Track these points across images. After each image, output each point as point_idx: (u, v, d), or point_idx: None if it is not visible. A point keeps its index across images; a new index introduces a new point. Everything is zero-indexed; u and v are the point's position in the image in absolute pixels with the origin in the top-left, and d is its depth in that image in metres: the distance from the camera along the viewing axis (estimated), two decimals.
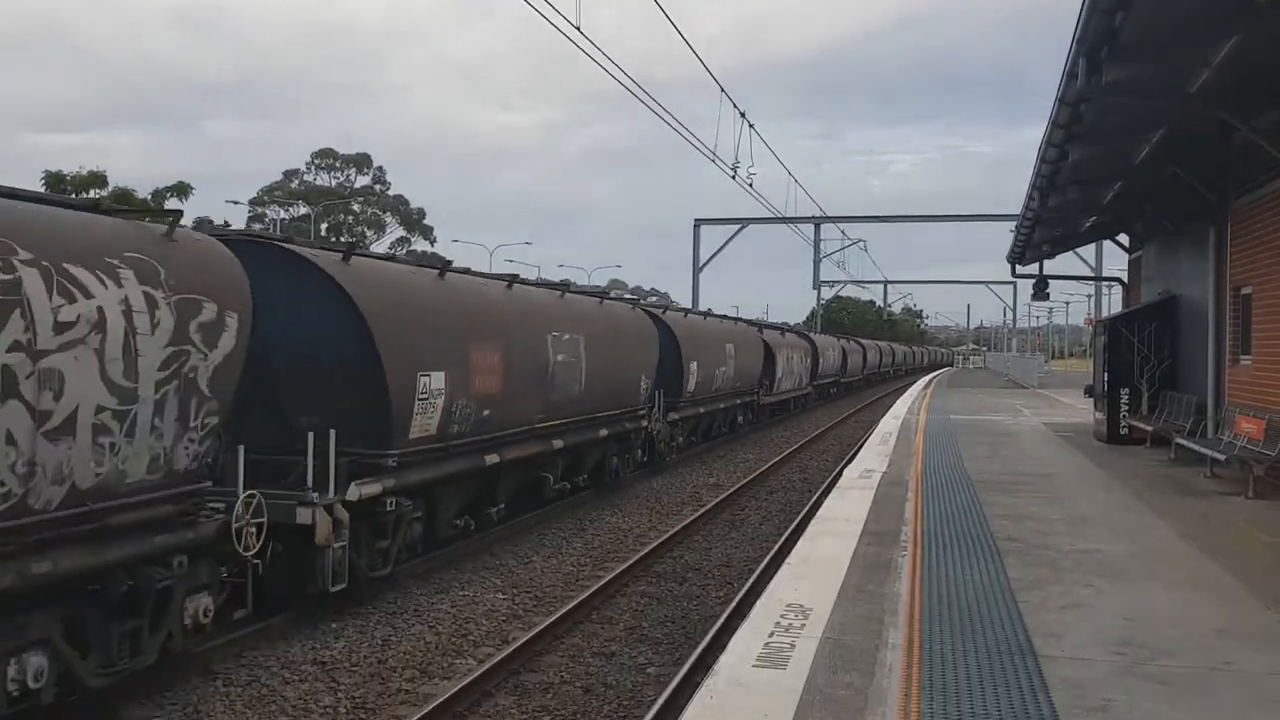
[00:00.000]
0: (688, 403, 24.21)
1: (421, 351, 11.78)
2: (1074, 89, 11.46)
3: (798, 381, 39.78)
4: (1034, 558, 9.77)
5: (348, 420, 10.66)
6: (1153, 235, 23.69)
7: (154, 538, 7.96)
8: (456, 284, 13.71)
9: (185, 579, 8.24)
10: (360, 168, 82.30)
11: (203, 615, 8.48)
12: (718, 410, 28.09)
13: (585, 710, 8.51)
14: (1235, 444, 15.07)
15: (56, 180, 47.14)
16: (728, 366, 27.81)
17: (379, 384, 11.00)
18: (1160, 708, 5.84)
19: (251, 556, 8.93)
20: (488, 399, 13.33)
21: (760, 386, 33.10)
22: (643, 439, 20.92)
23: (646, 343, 20.68)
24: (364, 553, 10.96)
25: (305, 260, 10.98)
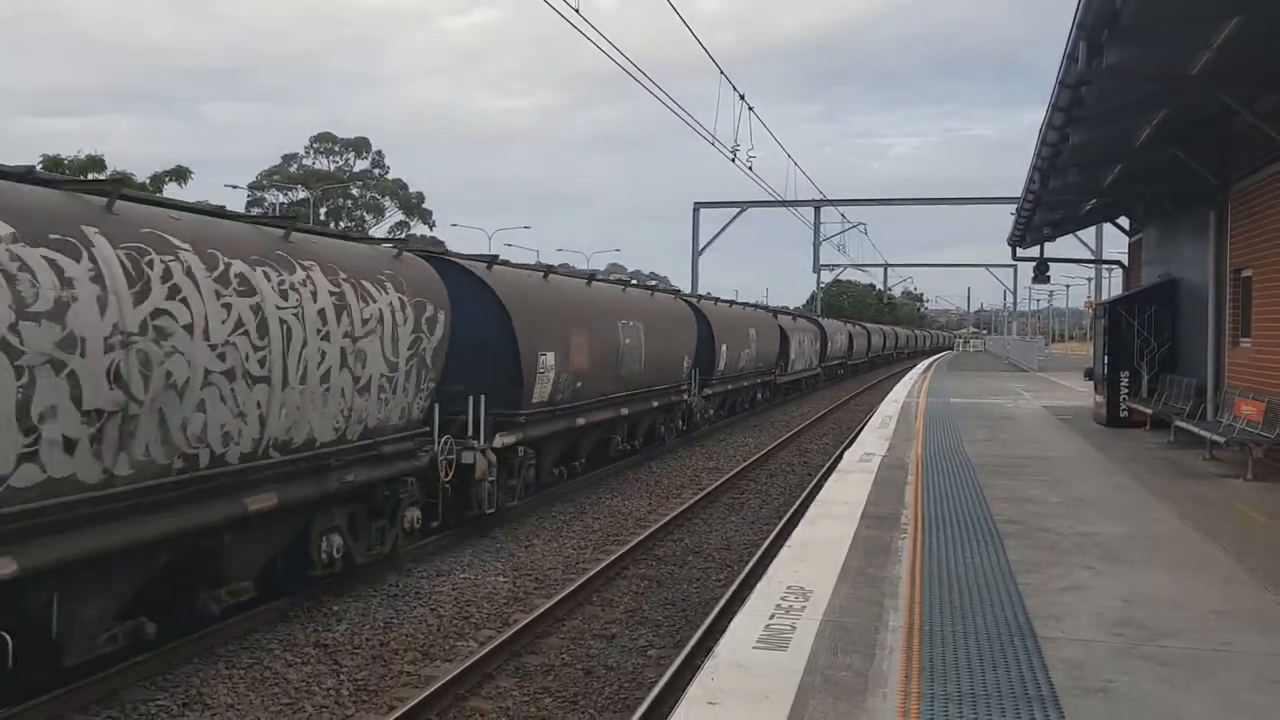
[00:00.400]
0: (718, 380, 27.50)
1: (540, 336, 15.44)
2: (1074, 71, 11.43)
3: (808, 363, 43.26)
4: (1034, 540, 9.79)
5: (491, 388, 13.90)
6: (1153, 218, 23.66)
7: (399, 464, 11.47)
8: (556, 283, 17.72)
9: (410, 494, 11.70)
10: (359, 152, 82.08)
11: (415, 522, 11.92)
12: (742, 388, 31.20)
13: (586, 692, 8.55)
14: (1235, 426, 15.10)
15: (55, 164, 47.00)
16: (751, 349, 31.03)
17: (515, 360, 14.69)
18: (1160, 688, 5.87)
19: (445, 483, 12.52)
20: (580, 373, 16.99)
21: (776, 367, 36.09)
22: (684, 410, 24.35)
23: (688, 328, 24.47)
24: (501, 487, 14.20)
25: (465, 269, 14.52)
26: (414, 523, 11.83)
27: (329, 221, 70.34)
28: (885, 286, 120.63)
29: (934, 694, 5.72)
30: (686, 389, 24.14)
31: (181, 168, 54.36)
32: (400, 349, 11.17)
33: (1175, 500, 12.10)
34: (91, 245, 7.43)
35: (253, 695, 8.25)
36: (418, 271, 12.14)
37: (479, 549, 13.33)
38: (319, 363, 9.75)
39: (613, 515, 16.10)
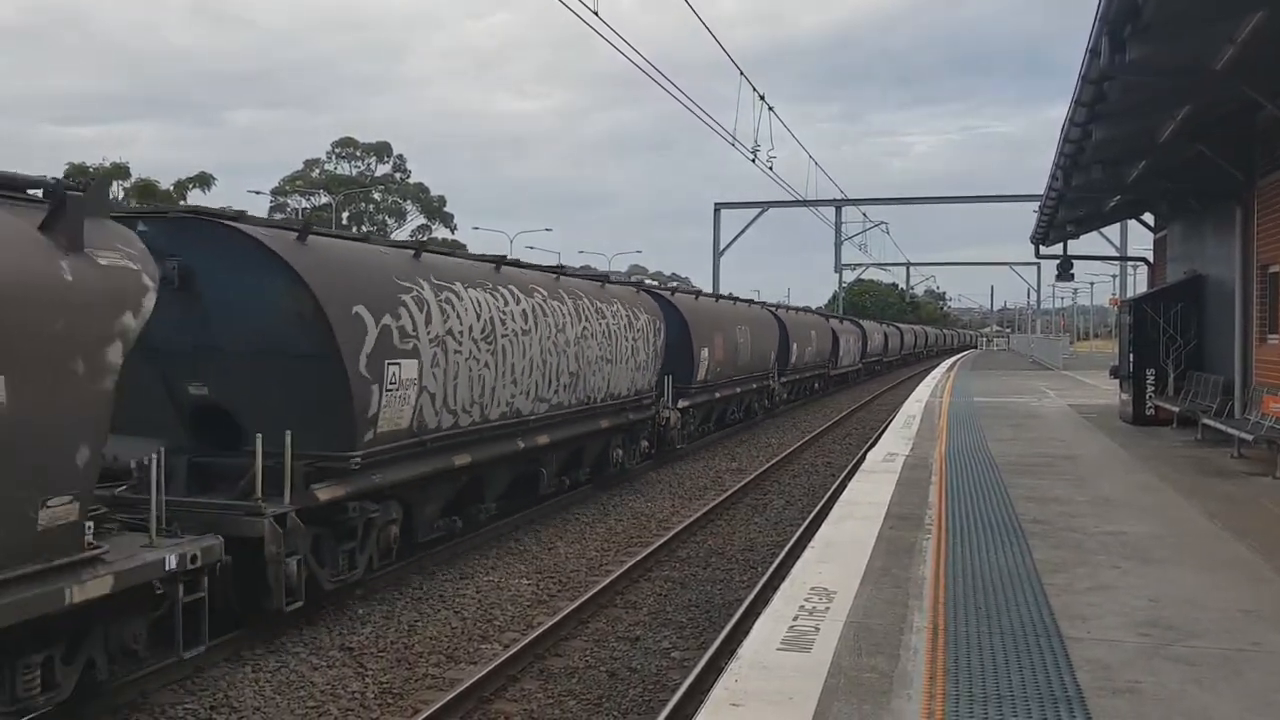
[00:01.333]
0: (791, 372, 34.90)
1: (700, 337, 23.67)
2: (1097, 67, 11.36)
3: (853, 359, 51.26)
4: (1059, 540, 9.73)
5: (675, 371, 21.89)
6: (1178, 214, 23.47)
7: (647, 412, 19.68)
8: (704, 301, 26.81)
9: (645, 430, 19.77)
10: (380, 156, 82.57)
11: (648, 448, 20.17)
12: (805, 378, 38.74)
13: (610, 694, 8.56)
14: (1263, 424, 14.94)
15: (80, 172, 47.50)
16: (812, 346, 38.88)
17: (689, 354, 22.99)
18: (1188, 688, 5.82)
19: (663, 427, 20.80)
20: (718, 363, 25.28)
21: (829, 362, 43.32)
22: (768, 394, 31.90)
23: (773, 331, 32.31)
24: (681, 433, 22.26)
25: (665, 297, 23.08)
26: (647, 448, 19.89)
27: (351, 225, 70.71)
28: (908, 285, 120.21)
29: (959, 695, 5.69)
30: (771, 377, 31.82)
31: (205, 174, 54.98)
32: (650, 347, 19.51)
33: (1202, 499, 11.99)
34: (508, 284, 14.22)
35: (279, 699, 8.30)
36: (648, 300, 20.71)
37: (502, 551, 13.37)
38: (628, 352, 18.14)
39: (636, 517, 16.11)
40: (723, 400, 26.53)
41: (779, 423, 31.97)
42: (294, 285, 9.85)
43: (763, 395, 31.09)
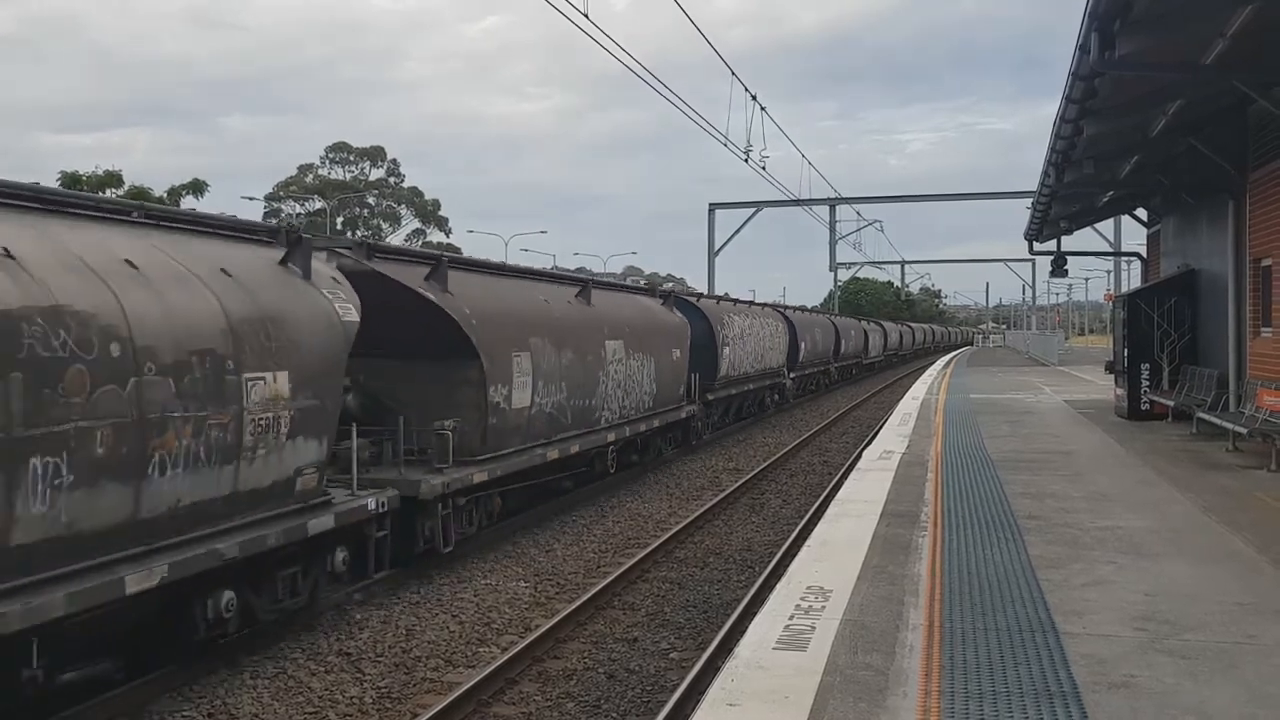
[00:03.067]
0: (799, 367, 37.32)
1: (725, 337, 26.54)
2: (1087, 63, 11.38)
3: (856, 354, 54.91)
4: (1055, 535, 9.75)
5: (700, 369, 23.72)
6: (1171, 209, 23.51)
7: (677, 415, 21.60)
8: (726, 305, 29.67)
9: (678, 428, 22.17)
10: (374, 160, 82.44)
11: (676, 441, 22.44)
12: (814, 372, 41.69)
13: (609, 696, 8.56)
14: (1257, 417, 14.97)
15: (73, 180, 47.38)
16: (818, 344, 41.55)
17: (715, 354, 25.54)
18: (1183, 682, 5.83)
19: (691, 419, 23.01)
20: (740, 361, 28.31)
21: (832, 356, 46.05)
22: (780, 389, 34.25)
23: (782, 330, 34.56)
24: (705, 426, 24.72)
25: (692, 304, 25.55)
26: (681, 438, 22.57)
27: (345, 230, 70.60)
28: (903, 283, 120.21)
29: (955, 691, 5.70)
30: (782, 373, 34.39)
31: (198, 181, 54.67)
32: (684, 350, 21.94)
33: (1198, 492, 12.02)
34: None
35: (277, 705, 8.30)
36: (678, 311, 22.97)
37: (500, 555, 13.37)
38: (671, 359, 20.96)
39: (633, 518, 16.11)
40: (740, 395, 28.86)
41: (776, 421, 32.02)
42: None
43: (775, 390, 33.51)
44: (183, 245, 8.75)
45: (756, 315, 31.66)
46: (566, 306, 16.50)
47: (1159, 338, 20.92)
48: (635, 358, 18.66)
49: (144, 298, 7.69)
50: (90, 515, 7.11)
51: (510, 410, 13.67)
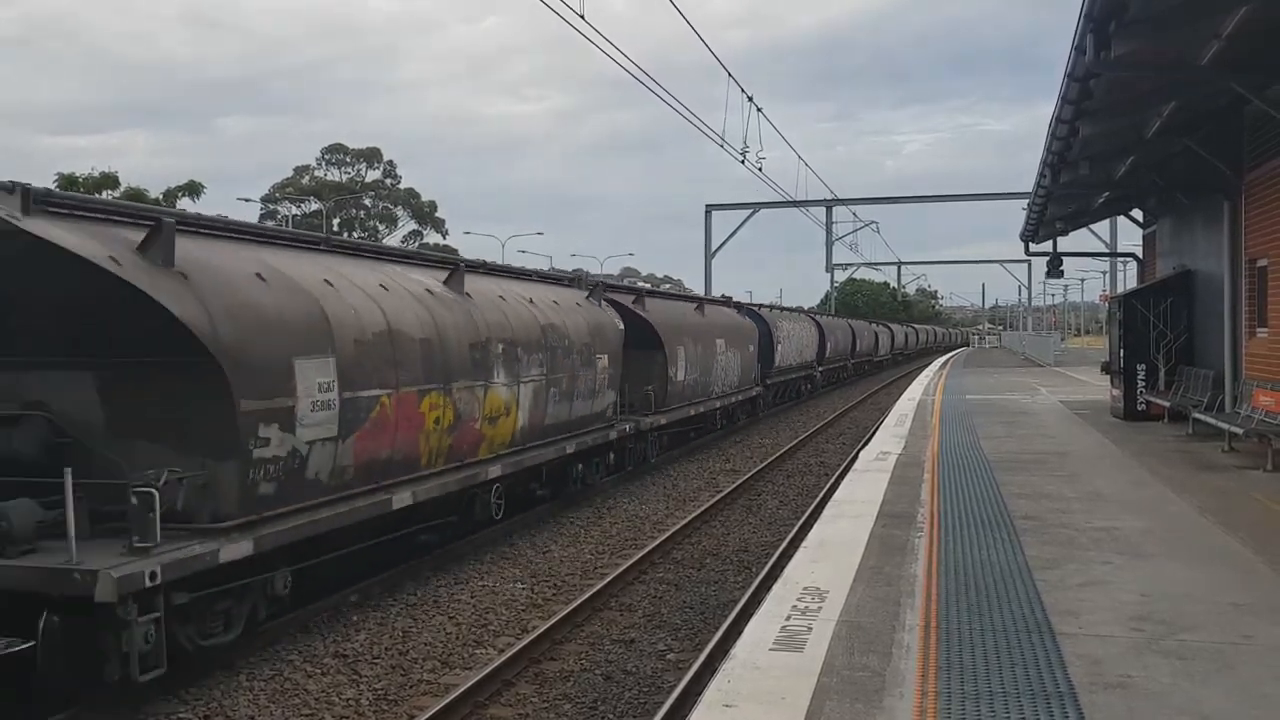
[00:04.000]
0: (826, 362, 44.18)
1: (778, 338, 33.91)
2: (1082, 64, 11.39)
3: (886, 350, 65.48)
4: (1051, 536, 9.75)
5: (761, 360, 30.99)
6: (1167, 210, 23.54)
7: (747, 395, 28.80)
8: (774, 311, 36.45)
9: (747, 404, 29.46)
10: (370, 162, 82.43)
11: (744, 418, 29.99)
12: (835, 367, 48.28)
13: (606, 697, 8.55)
14: (1253, 417, 14.99)
15: (69, 182, 47.34)
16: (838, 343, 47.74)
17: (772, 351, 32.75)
18: (1180, 682, 5.84)
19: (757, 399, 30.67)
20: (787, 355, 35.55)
21: (848, 354, 51.62)
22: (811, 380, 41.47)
23: (813, 331, 41.66)
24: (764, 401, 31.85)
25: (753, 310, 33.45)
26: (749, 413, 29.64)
27: (342, 232, 70.55)
28: (899, 284, 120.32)
29: (951, 692, 5.70)
30: (813, 366, 41.40)
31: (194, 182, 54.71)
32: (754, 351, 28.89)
33: (1194, 493, 12.03)
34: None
35: (274, 707, 8.29)
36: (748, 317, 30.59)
37: (496, 556, 13.36)
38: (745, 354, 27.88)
39: (630, 519, 16.11)
40: (786, 382, 36.08)
41: (772, 423, 32.06)
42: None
43: (808, 380, 41.21)
44: (558, 291, 17.41)
45: (796, 320, 40.36)
46: (697, 316, 25.00)
47: (1155, 338, 20.94)
48: (729, 352, 26.46)
49: (565, 318, 16.17)
50: (560, 415, 15.45)
51: (676, 381, 21.70)
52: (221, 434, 8.61)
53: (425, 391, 11.46)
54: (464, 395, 12.35)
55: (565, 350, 15.63)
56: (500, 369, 13.37)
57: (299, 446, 9.30)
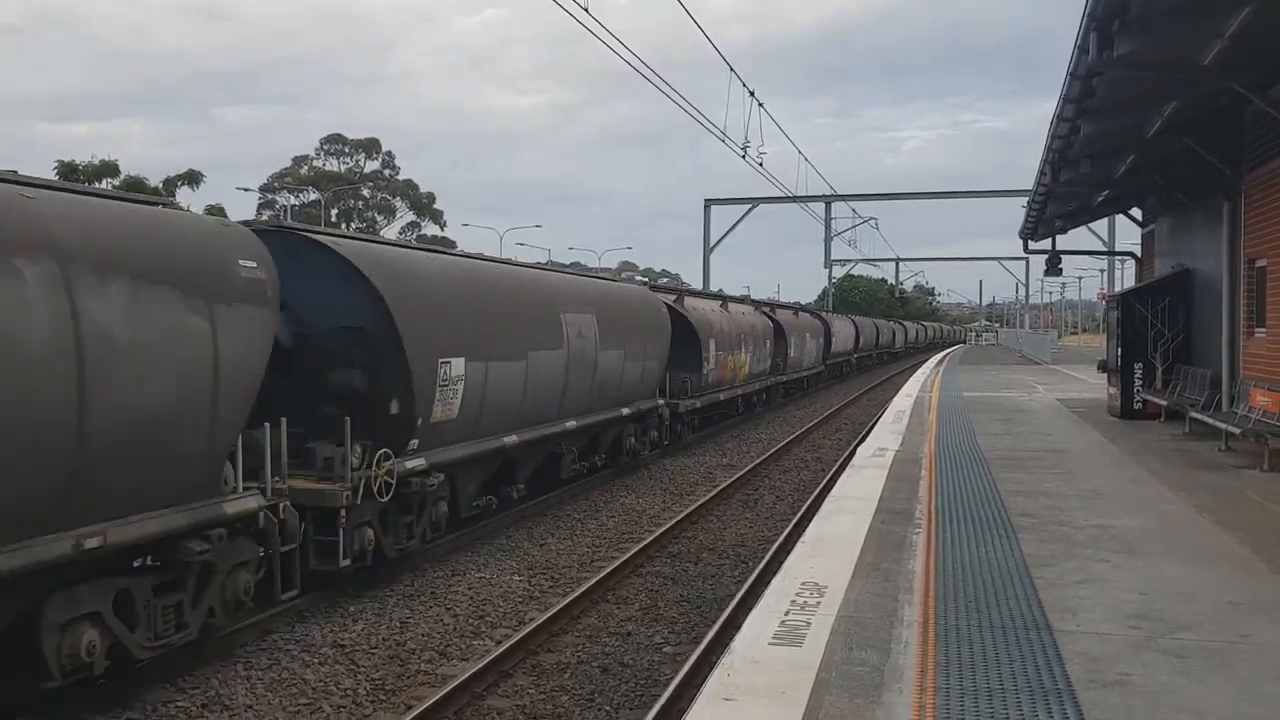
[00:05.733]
0: (830, 359, 46.70)
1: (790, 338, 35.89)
2: (1085, 63, 11.38)
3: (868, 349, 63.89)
4: (1048, 533, 9.77)
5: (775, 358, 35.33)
6: (1166, 209, 23.56)
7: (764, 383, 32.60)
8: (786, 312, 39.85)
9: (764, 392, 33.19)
10: (369, 152, 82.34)
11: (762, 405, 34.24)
12: (837, 362, 50.39)
13: (603, 689, 8.57)
14: (1250, 417, 15.02)
15: (70, 170, 47.25)
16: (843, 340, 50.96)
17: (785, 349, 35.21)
18: (1177, 680, 5.85)
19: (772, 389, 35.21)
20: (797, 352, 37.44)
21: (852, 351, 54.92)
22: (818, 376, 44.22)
23: (819, 329, 43.80)
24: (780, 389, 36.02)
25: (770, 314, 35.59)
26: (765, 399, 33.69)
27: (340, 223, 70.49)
28: (897, 281, 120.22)
29: (950, 688, 5.72)
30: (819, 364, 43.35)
31: (194, 172, 54.67)
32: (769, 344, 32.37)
33: (1191, 492, 12.05)
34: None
35: (271, 696, 8.30)
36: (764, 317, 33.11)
37: (494, 548, 13.37)
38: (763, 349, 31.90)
39: (627, 513, 16.12)
40: (795, 377, 38.48)
41: (769, 419, 32.12)
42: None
43: (814, 377, 43.57)
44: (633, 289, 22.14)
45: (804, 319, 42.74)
46: (723, 314, 27.28)
47: (1153, 337, 20.96)
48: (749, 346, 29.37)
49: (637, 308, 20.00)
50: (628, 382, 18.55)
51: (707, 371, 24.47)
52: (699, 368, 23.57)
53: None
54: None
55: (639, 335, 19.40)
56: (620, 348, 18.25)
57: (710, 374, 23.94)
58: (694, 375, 23.45)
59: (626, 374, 18.46)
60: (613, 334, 17.48)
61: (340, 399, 10.66)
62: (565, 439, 16.12)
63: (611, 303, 18.29)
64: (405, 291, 11.34)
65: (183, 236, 8.23)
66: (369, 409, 10.74)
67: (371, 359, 10.89)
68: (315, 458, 10.44)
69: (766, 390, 32.98)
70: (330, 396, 10.67)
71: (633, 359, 18.71)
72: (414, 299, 11.44)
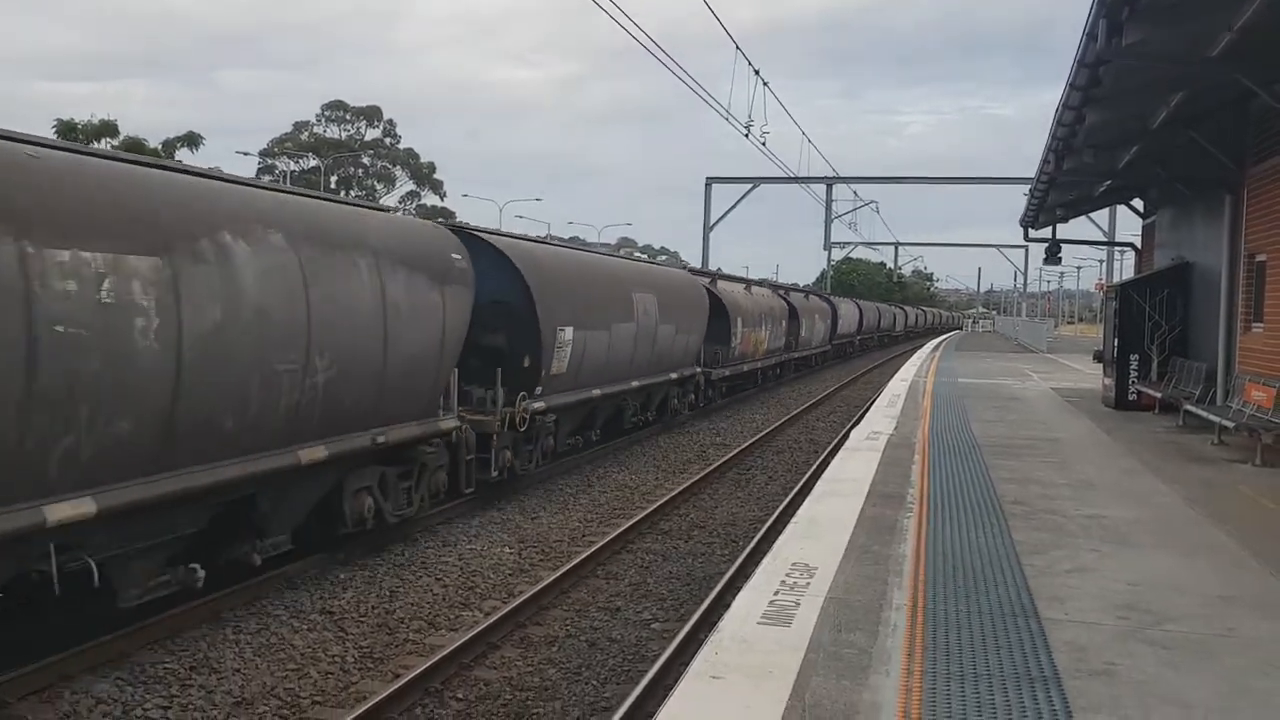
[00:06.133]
0: (837, 338, 50.15)
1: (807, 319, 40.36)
2: (1094, 50, 11.32)
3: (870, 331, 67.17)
4: (1039, 522, 9.79)
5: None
6: (1167, 201, 23.51)
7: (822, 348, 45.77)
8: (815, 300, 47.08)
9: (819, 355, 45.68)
10: (370, 120, 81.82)
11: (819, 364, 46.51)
12: (844, 342, 54.69)
13: (590, 663, 8.59)
14: (1244, 411, 15.04)
15: (68, 129, 46.96)
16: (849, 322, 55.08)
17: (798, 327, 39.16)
18: (1163, 671, 5.87)
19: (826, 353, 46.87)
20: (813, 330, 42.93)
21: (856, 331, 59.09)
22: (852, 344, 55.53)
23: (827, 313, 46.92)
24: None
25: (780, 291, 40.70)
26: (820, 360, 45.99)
27: (339, 190, 70.23)
28: (896, 265, 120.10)
29: (936, 672, 5.73)
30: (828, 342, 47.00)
31: (193, 134, 54.40)
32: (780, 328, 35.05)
33: (1183, 484, 12.08)
34: None
35: (259, 660, 8.31)
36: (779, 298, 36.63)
37: (485, 520, 13.38)
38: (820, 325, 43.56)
39: (619, 489, 16.14)
40: (805, 355, 41.58)
41: (763, 398, 32.14)
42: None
43: (820, 355, 46.73)
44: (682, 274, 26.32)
45: (814, 301, 46.24)
46: (746, 295, 30.96)
47: (1149, 329, 20.95)
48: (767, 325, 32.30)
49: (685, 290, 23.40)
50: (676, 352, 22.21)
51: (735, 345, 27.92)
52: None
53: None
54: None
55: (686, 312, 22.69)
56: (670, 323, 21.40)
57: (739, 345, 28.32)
58: (724, 348, 26.72)
59: (675, 345, 22.00)
60: (668, 311, 20.98)
61: (489, 355, 14.13)
62: (630, 395, 19.68)
63: (668, 285, 22.08)
64: (540, 277, 15.00)
65: (427, 238, 12.17)
66: (509, 363, 14.33)
67: (514, 325, 14.60)
68: (471, 398, 13.66)
69: (781, 365, 36.37)
70: (482, 353, 13.93)
71: (681, 332, 22.24)
72: (545, 282, 15.09)
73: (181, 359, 7.69)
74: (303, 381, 9.14)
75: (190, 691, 7.67)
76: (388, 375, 10.54)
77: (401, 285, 10.72)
